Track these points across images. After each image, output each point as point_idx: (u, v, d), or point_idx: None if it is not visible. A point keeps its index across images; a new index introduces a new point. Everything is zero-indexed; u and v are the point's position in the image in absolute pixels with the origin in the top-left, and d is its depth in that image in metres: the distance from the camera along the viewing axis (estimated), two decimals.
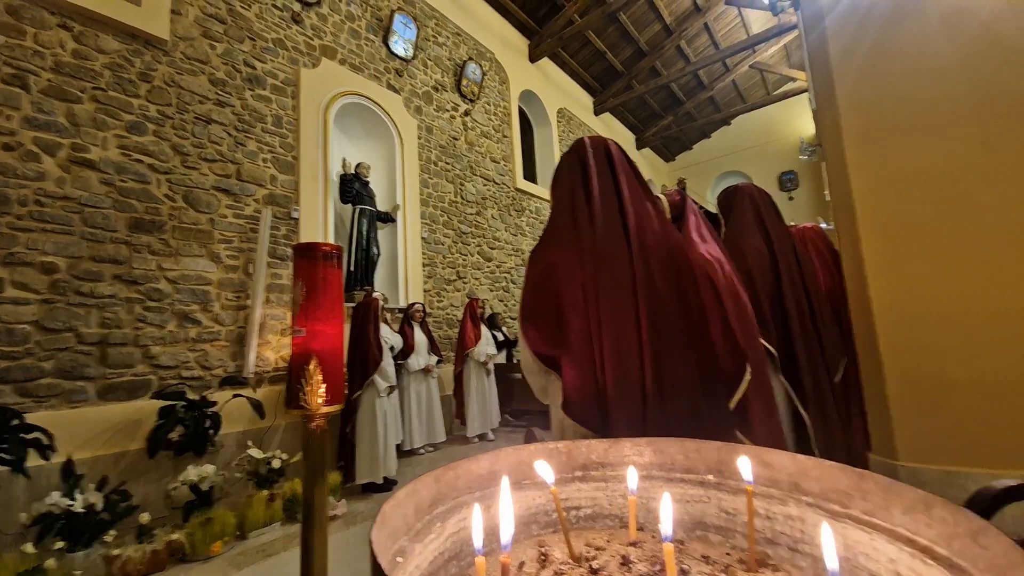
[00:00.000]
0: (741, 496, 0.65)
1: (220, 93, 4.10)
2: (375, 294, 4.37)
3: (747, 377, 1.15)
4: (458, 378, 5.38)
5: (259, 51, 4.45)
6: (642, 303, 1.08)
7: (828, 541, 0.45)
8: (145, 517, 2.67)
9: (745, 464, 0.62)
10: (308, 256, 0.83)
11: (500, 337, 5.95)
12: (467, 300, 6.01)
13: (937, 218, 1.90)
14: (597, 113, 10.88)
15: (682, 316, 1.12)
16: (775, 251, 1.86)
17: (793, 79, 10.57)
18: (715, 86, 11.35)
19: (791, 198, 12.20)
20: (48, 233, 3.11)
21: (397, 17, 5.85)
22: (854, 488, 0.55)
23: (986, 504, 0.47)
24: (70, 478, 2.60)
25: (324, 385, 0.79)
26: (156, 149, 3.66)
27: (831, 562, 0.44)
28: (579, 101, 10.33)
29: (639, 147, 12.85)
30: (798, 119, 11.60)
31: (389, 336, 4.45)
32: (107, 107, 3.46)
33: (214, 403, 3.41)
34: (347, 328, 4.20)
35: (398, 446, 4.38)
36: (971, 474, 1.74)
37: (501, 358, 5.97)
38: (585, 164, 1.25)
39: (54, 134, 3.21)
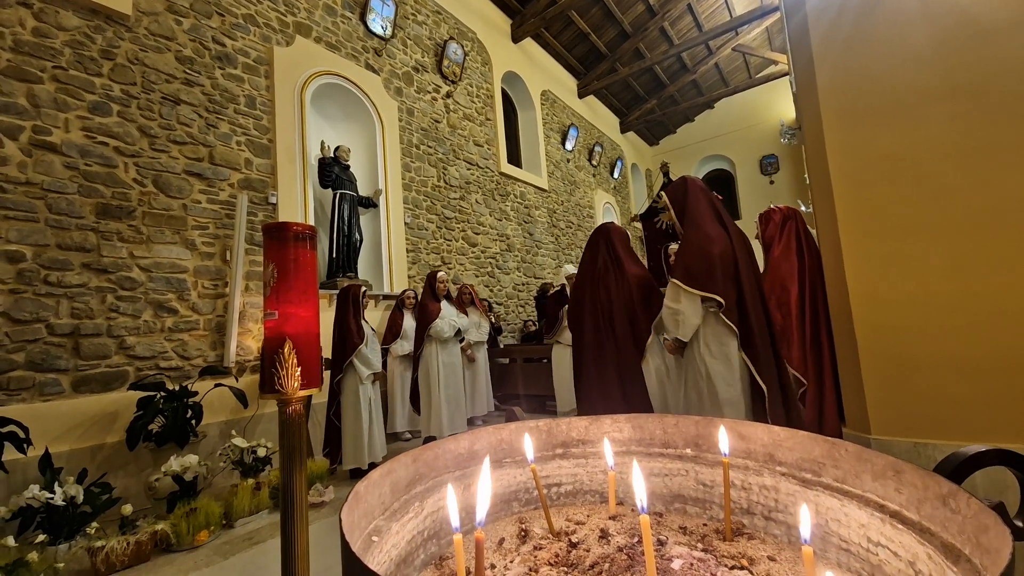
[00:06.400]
0: (718, 468, 0.66)
1: (188, 72, 3.93)
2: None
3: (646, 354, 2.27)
4: (416, 361, 4.50)
5: (229, 27, 4.26)
6: (602, 316, 2.39)
7: (805, 517, 0.45)
8: (127, 509, 2.62)
9: (723, 436, 0.62)
10: (278, 237, 0.80)
11: (464, 318, 5.30)
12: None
13: (909, 200, 1.93)
14: (581, 96, 10.77)
15: (627, 320, 2.35)
16: (732, 237, 1.96)
17: (775, 62, 10.59)
18: (698, 69, 11.31)
19: (772, 181, 12.35)
20: (11, 220, 2.97)
21: None
22: (826, 456, 0.56)
23: (955, 469, 0.48)
24: (48, 471, 2.54)
25: (299, 368, 0.77)
26: (121, 131, 3.50)
27: (807, 531, 0.45)
28: (563, 83, 10.20)
29: (623, 131, 12.81)
30: (779, 103, 11.67)
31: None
32: (68, 87, 3.29)
33: (195, 393, 3.34)
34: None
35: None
36: (938, 445, 1.81)
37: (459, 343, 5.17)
38: (595, 241, 2.61)
39: (14, 116, 3.04)
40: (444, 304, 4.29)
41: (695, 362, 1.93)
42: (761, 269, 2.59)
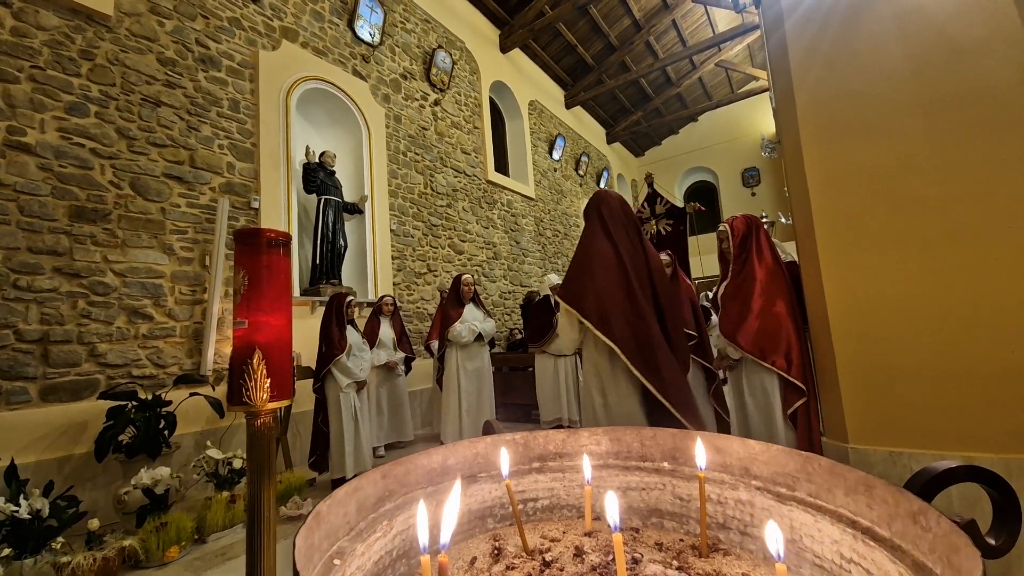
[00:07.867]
0: (695, 483, 0.65)
1: (170, 73, 3.86)
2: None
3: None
4: (441, 360, 4.57)
5: (213, 30, 4.22)
6: None
7: (772, 532, 0.45)
8: (94, 523, 2.53)
9: (699, 450, 0.62)
10: (250, 243, 0.78)
11: (489, 322, 5.34)
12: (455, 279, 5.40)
13: (885, 212, 1.98)
14: (568, 106, 10.89)
15: None
16: (620, 253, 1.98)
17: (756, 78, 10.86)
18: (683, 83, 11.55)
19: (753, 194, 12.60)
20: None
21: (363, 0, 5.66)
22: (800, 471, 0.55)
23: (925, 485, 0.48)
24: (14, 483, 2.44)
25: (269, 380, 0.75)
26: (99, 132, 3.42)
27: (775, 548, 0.44)
28: (550, 94, 10.30)
29: (609, 141, 12.97)
30: (761, 117, 11.95)
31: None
32: (45, 87, 3.20)
33: (169, 402, 3.24)
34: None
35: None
36: (914, 455, 1.84)
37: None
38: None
39: None
40: (468, 308, 4.18)
41: (586, 378, 2.02)
42: (727, 280, 2.60)
